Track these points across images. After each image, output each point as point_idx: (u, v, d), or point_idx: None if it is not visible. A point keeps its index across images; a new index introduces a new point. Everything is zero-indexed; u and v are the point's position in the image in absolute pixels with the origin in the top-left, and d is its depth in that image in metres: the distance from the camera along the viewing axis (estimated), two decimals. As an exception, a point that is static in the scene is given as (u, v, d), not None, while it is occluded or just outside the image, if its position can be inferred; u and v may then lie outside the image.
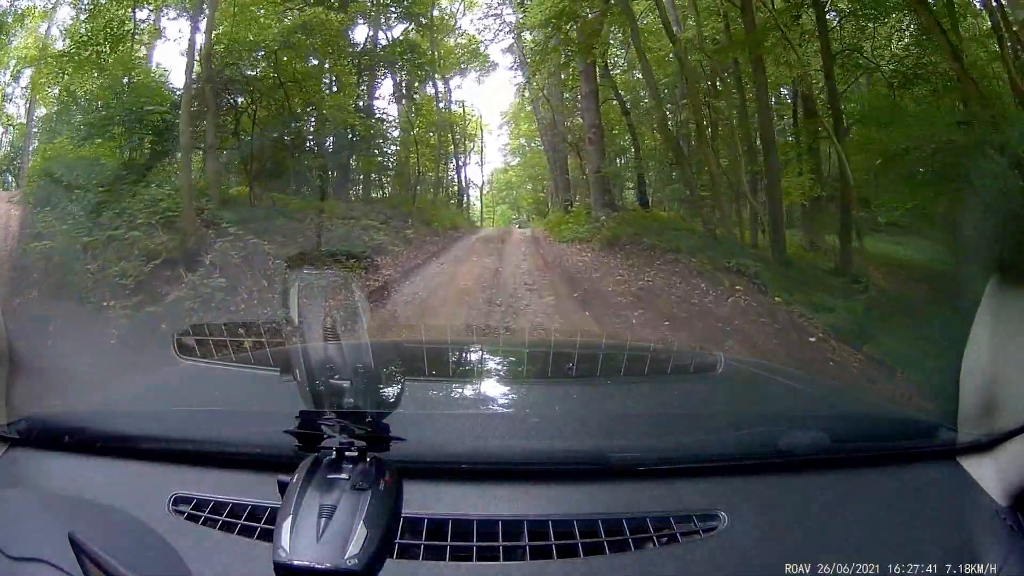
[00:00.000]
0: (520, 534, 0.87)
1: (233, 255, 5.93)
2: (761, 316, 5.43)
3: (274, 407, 1.09)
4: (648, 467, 0.97)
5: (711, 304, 5.83)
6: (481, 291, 6.42)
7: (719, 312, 5.60)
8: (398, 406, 0.87)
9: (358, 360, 0.83)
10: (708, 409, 1.29)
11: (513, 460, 1.00)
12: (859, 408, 1.49)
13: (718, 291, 6.04)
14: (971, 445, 0.99)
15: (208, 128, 7.28)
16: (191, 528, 0.92)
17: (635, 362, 1.58)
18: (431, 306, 5.94)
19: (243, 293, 5.63)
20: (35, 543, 0.85)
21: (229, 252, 5.93)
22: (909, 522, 0.91)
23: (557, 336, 3.68)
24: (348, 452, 0.77)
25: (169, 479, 1.00)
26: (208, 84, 7.24)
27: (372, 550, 0.67)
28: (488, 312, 5.72)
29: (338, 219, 7.73)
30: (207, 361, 1.55)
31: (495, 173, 13.04)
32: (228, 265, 5.82)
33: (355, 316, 0.89)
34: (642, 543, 0.87)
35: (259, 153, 7.95)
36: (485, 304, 5.97)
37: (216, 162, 7.41)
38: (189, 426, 1.14)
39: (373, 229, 7.98)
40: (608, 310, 5.80)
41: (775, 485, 0.96)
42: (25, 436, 1.12)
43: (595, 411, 1.27)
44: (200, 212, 6.52)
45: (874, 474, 1.00)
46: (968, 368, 1.01)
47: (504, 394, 1.48)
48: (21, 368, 1.16)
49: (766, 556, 0.85)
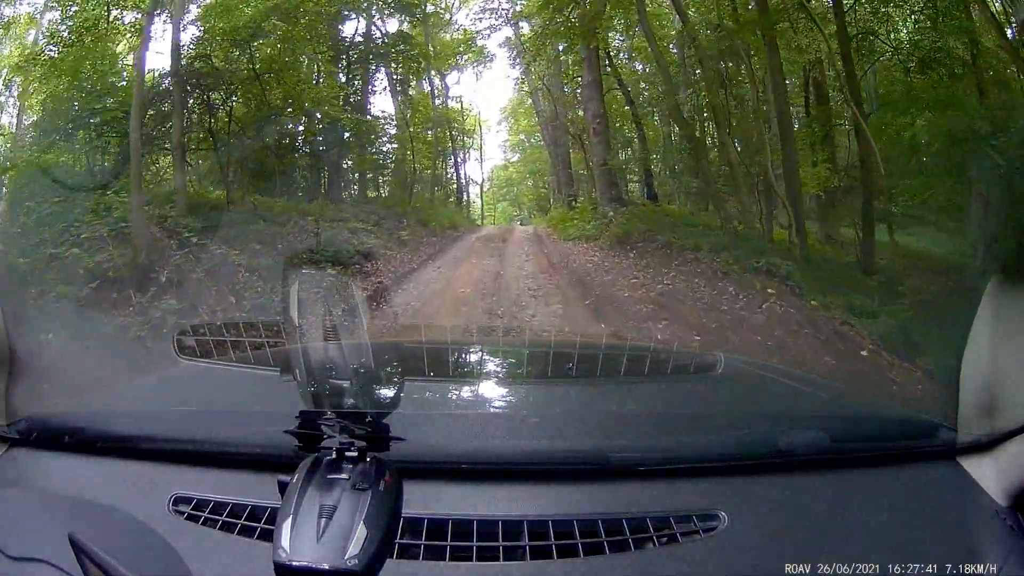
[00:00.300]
0: (520, 534, 0.87)
1: (195, 269, 5.32)
2: (802, 326, 4.85)
3: (274, 407, 1.09)
4: (648, 467, 0.97)
5: (743, 311, 5.22)
6: (480, 299, 5.93)
7: (754, 321, 5.00)
8: (398, 406, 0.87)
9: (358, 360, 0.83)
10: (708, 409, 1.29)
11: (513, 460, 1.00)
12: (859, 408, 1.49)
13: (748, 295, 5.46)
14: (971, 445, 0.99)
15: (174, 126, 6.72)
16: (191, 528, 0.92)
17: (635, 362, 1.58)
18: (425, 316, 5.40)
19: (204, 314, 4.87)
20: (35, 543, 0.85)
21: (189, 266, 5.33)
22: (909, 522, 0.91)
23: (557, 336, 3.67)
24: (348, 452, 0.77)
25: (169, 479, 1.00)
26: (174, 78, 6.68)
27: (372, 550, 0.67)
28: (488, 324, 5.10)
29: (326, 222, 7.26)
30: (207, 361, 1.55)
31: (495, 170, 12.86)
32: (188, 281, 5.18)
33: (355, 316, 0.89)
34: (642, 543, 0.87)
35: (238, 153, 7.41)
36: (485, 314, 5.44)
37: (183, 163, 6.80)
38: (189, 426, 1.14)
39: (364, 232, 7.55)
40: (626, 320, 5.12)
41: (775, 485, 0.96)
42: (25, 436, 1.12)
43: (595, 411, 1.27)
44: (163, 221, 5.90)
45: (874, 474, 1.00)
46: (968, 368, 1.01)
47: (504, 394, 1.48)
48: (22, 368, 1.16)
49: (766, 556, 0.85)
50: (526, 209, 12.95)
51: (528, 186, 12.94)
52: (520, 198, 13.23)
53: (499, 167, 12.82)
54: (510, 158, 12.70)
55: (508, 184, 13.19)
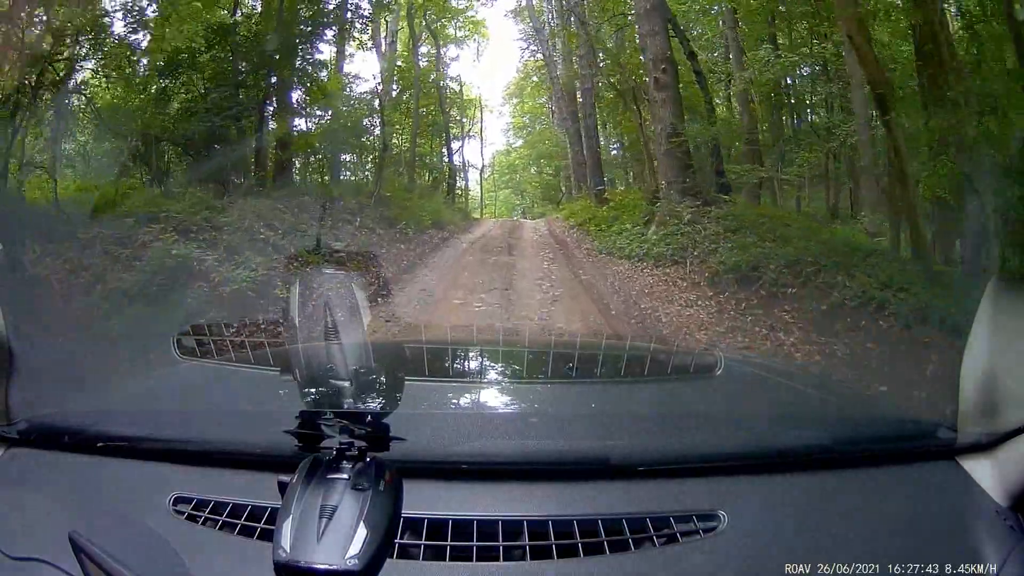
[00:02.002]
0: (520, 534, 0.87)
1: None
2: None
3: (274, 407, 1.09)
4: (648, 467, 0.97)
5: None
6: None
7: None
8: (398, 406, 0.87)
9: (358, 360, 0.83)
10: (708, 409, 1.29)
11: (513, 460, 1.00)
12: (859, 408, 1.49)
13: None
14: (971, 445, 0.99)
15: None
16: (191, 528, 0.92)
17: (635, 362, 1.59)
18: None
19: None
20: (35, 543, 0.85)
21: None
22: (909, 522, 0.91)
23: (557, 337, 3.65)
24: (348, 452, 0.77)
25: (169, 479, 1.00)
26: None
27: (372, 550, 0.67)
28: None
29: (209, 227, 4.94)
30: (207, 361, 1.55)
31: (497, 155, 11.51)
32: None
33: (355, 316, 0.89)
34: (642, 543, 0.87)
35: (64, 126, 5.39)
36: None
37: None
38: (189, 426, 1.14)
39: (258, 244, 4.86)
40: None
41: (775, 485, 0.96)
42: (25, 436, 1.12)
43: (595, 411, 1.27)
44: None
45: (874, 474, 1.00)
46: (968, 368, 1.02)
47: (504, 394, 1.49)
48: (22, 368, 1.16)
49: (766, 556, 0.85)
50: (530, 197, 11.82)
51: (532, 173, 11.63)
52: (523, 185, 12.01)
53: (501, 152, 11.54)
54: (513, 143, 11.39)
55: (511, 170, 11.86)
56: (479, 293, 4.35)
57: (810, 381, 2.04)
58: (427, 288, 4.75)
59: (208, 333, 1.67)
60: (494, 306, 4.17)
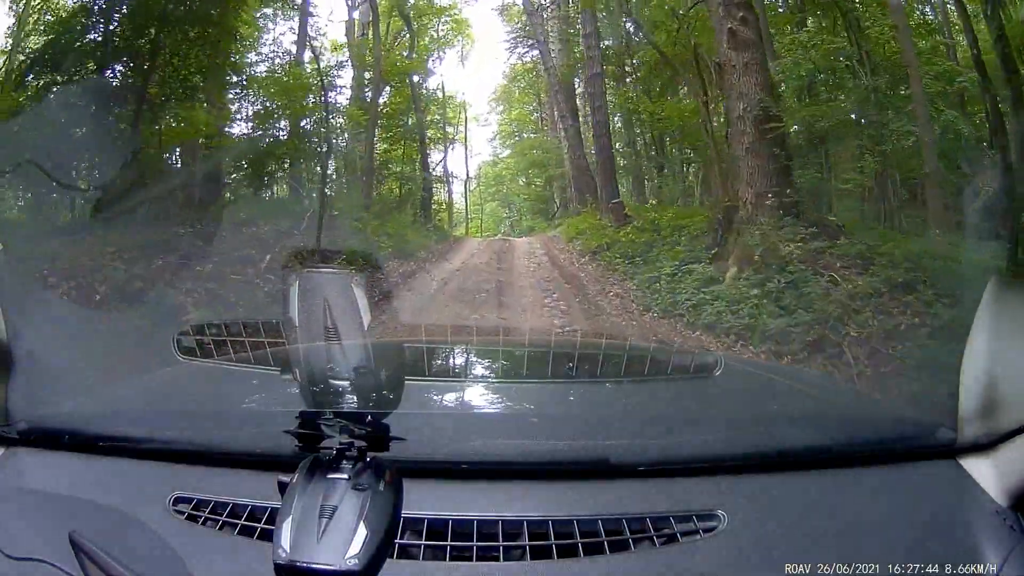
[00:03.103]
0: (520, 534, 0.87)
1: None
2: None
3: (274, 407, 1.09)
4: (648, 467, 0.97)
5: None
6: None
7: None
8: (398, 406, 0.87)
9: (358, 360, 0.83)
10: (708, 409, 1.29)
11: (513, 460, 1.00)
12: (859, 408, 1.49)
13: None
14: (971, 445, 0.99)
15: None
16: (191, 528, 0.91)
17: (635, 362, 1.58)
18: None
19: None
20: (35, 543, 0.85)
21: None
22: (909, 522, 0.91)
23: (557, 337, 3.65)
24: (348, 452, 0.77)
25: (169, 479, 1.00)
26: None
27: (372, 550, 0.67)
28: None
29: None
30: (207, 361, 1.55)
31: (483, 166, 10.93)
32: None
33: (355, 316, 0.89)
34: (642, 543, 0.87)
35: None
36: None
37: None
38: (189, 426, 1.14)
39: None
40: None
41: (775, 485, 0.96)
42: (25, 436, 1.12)
43: (595, 411, 1.27)
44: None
45: (874, 474, 1.00)
46: (968, 368, 1.01)
47: (504, 394, 1.49)
48: (22, 368, 1.16)
49: (766, 556, 0.85)
50: (517, 210, 11.26)
51: (521, 184, 11.07)
52: (511, 197, 11.40)
53: (487, 163, 11.01)
54: (500, 153, 10.85)
55: (497, 182, 11.22)
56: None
57: (810, 382, 2.04)
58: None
59: (208, 333, 1.67)
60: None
